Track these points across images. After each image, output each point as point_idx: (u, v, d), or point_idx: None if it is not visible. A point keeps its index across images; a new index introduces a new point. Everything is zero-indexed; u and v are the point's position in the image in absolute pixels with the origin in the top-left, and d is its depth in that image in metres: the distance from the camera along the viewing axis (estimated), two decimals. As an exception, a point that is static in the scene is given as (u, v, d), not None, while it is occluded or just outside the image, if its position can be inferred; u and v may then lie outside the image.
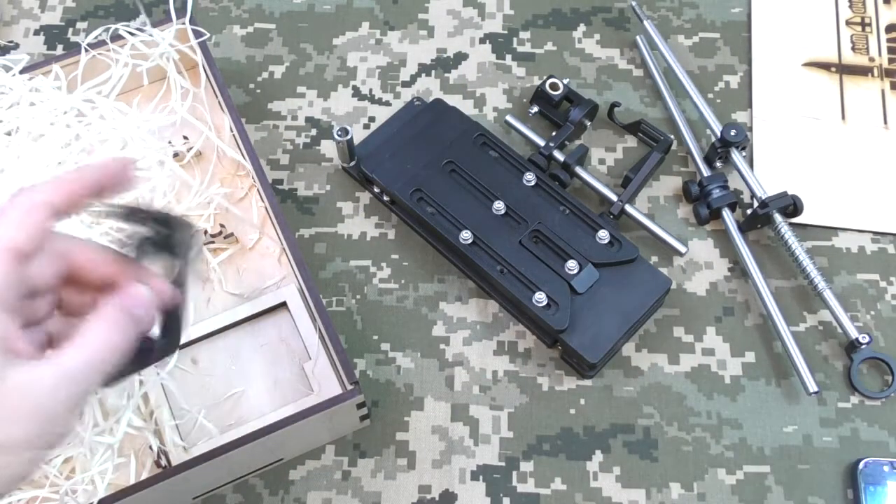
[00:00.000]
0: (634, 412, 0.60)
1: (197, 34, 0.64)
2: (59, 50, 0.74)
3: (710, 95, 0.71)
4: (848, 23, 0.73)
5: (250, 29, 0.74)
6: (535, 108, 0.69)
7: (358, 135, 0.68)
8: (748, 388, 0.60)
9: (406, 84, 0.72)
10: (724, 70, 0.72)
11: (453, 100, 0.70)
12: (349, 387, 0.54)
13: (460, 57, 0.73)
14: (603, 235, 0.61)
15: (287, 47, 0.73)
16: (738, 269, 0.64)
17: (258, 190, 0.63)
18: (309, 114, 0.70)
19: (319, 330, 0.57)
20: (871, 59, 0.71)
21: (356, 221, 0.66)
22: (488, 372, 0.61)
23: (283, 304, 0.60)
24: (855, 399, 0.60)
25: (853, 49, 0.72)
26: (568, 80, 0.68)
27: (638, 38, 0.72)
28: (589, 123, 0.69)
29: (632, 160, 0.67)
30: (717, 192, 0.64)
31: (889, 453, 0.58)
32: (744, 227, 0.64)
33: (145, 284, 0.39)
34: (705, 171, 0.66)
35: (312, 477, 0.58)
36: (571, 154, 0.65)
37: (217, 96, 0.65)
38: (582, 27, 0.74)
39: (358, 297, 0.64)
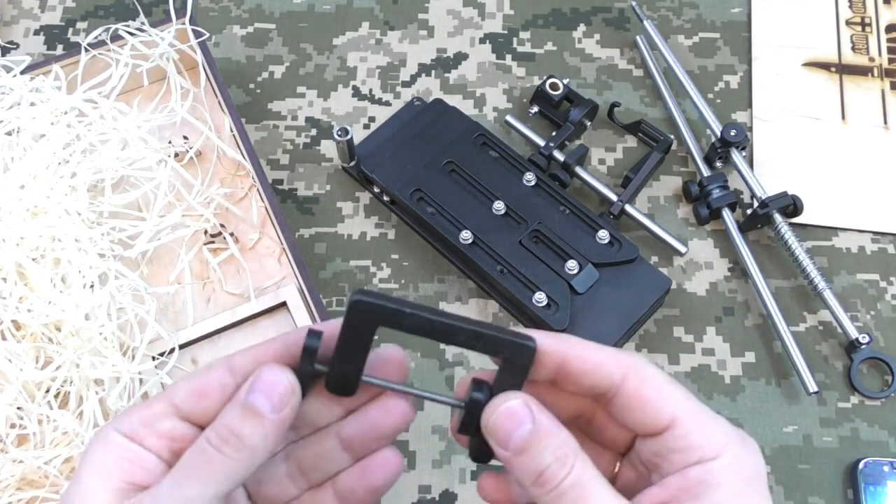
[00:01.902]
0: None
1: (197, 34, 0.64)
2: (59, 50, 0.74)
3: (710, 95, 0.71)
4: (848, 23, 0.73)
5: (250, 29, 0.74)
6: (535, 108, 0.69)
7: (358, 135, 0.68)
8: (748, 388, 0.60)
9: (406, 84, 0.72)
10: (723, 70, 0.72)
11: (453, 100, 0.70)
12: (349, 387, 0.54)
13: (460, 57, 0.73)
14: (603, 235, 0.61)
15: (287, 47, 0.73)
16: (738, 269, 0.64)
17: (258, 190, 0.63)
18: (309, 114, 0.71)
19: (319, 330, 0.57)
20: (871, 59, 0.71)
21: (356, 221, 0.66)
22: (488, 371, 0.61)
23: (283, 304, 0.60)
24: (855, 399, 0.60)
25: (853, 49, 0.72)
26: (568, 80, 0.68)
27: (638, 38, 0.72)
28: (589, 123, 0.69)
29: (632, 160, 0.67)
30: (717, 192, 0.64)
31: (889, 453, 0.58)
32: (744, 227, 0.64)
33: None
34: (705, 171, 0.66)
35: (312, 477, 0.58)
36: (571, 154, 0.65)
37: (217, 96, 0.65)
38: (582, 27, 0.74)
39: (358, 297, 0.63)
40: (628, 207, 0.64)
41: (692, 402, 0.33)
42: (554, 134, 0.66)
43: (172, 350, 0.56)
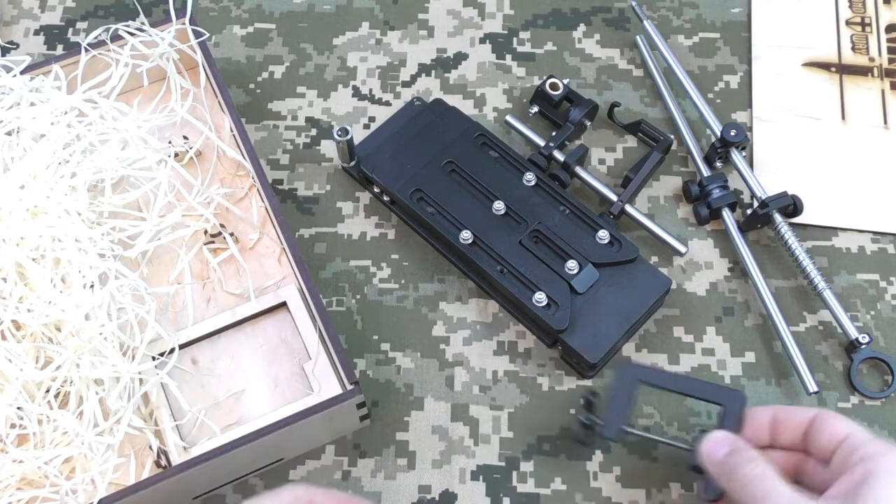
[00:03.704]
0: (634, 412, 0.60)
1: (197, 34, 0.64)
2: (59, 50, 0.74)
3: (710, 95, 0.71)
4: (848, 23, 0.73)
5: (250, 29, 0.74)
6: (535, 108, 0.69)
7: (358, 135, 0.68)
8: (748, 388, 0.60)
9: (406, 84, 0.72)
10: (723, 70, 0.72)
11: (453, 100, 0.70)
12: (349, 387, 0.54)
13: (460, 57, 0.73)
14: (603, 235, 0.61)
15: (287, 47, 0.73)
16: (738, 269, 0.64)
17: (258, 190, 0.63)
18: (309, 114, 0.71)
19: (319, 330, 0.57)
20: (871, 59, 0.71)
21: (356, 221, 0.66)
22: (488, 372, 0.61)
23: (283, 304, 0.60)
24: (855, 399, 0.60)
25: (853, 49, 0.72)
26: (568, 80, 0.68)
27: (638, 38, 0.72)
28: (589, 123, 0.69)
29: (632, 160, 0.67)
30: (716, 192, 0.64)
31: (889, 453, 0.58)
32: (744, 227, 0.64)
33: None
34: (705, 171, 0.66)
35: (312, 477, 0.58)
36: (571, 154, 0.65)
37: (217, 96, 0.65)
38: (582, 27, 0.74)
39: (358, 297, 0.64)
40: (628, 207, 0.64)
41: (860, 427, 0.46)
42: (554, 134, 0.66)
43: (172, 350, 0.56)
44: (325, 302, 0.63)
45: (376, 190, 0.66)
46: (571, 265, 0.59)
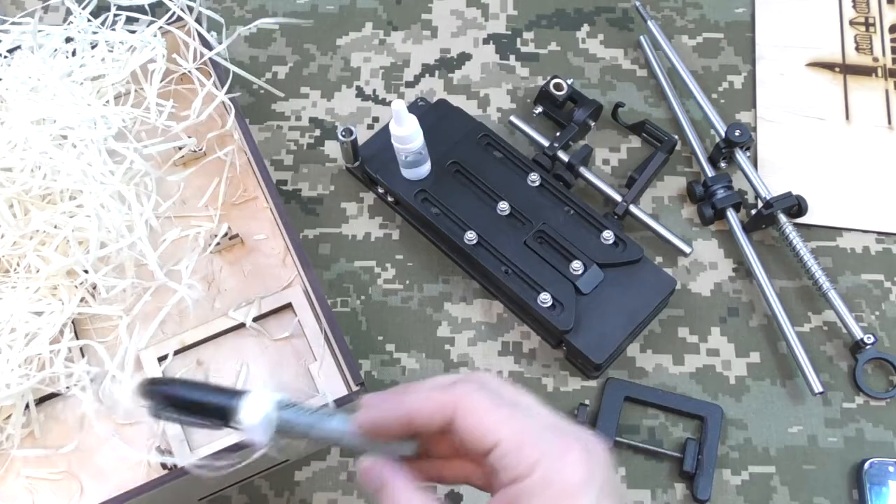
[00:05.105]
0: (639, 413, 0.60)
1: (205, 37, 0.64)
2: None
3: (714, 96, 0.71)
4: (852, 23, 0.73)
5: (253, 29, 0.74)
6: (539, 109, 0.69)
7: (362, 135, 0.68)
8: (753, 388, 0.60)
9: (410, 84, 0.72)
10: (727, 70, 0.72)
11: (457, 100, 0.70)
12: (355, 388, 0.54)
13: (464, 57, 0.73)
14: (607, 236, 0.61)
15: (290, 48, 0.73)
16: (743, 270, 0.64)
17: (263, 191, 0.63)
18: (313, 114, 0.70)
19: (325, 331, 0.57)
20: (875, 60, 0.71)
21: (360, 222, 0.66)
22: (493, 372, 0.61)
23: (289, 305, 0.60)
24: (860, 399, 0.60)
25: (857, 49, 0.72)
26: (572, 80, 0.68)
27: (641, 38, 0.72)
28: (593, 124, 0.69)
29: (636, 160, 0.67)
30: (721, 193, 0.64)
31: (894, 453, 0.58)
32: (748, 228, 0.64)
33: None
34: (709, 172, 0.66)
35: (318, 478, 0.58)
36: (575, 154, 0.65)
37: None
38: (585, 27, 0.74)
39: (363, 297, 0.64)
40: (633, 208, 0.64)
41: (516, 423, 0.37)
42: (558, 134, 0.66)
43: (178, 351, 0.56)
44: (330, 303, 0.63)
45: (380, 190, 0.66)
46: (576, 266, 0.59)
